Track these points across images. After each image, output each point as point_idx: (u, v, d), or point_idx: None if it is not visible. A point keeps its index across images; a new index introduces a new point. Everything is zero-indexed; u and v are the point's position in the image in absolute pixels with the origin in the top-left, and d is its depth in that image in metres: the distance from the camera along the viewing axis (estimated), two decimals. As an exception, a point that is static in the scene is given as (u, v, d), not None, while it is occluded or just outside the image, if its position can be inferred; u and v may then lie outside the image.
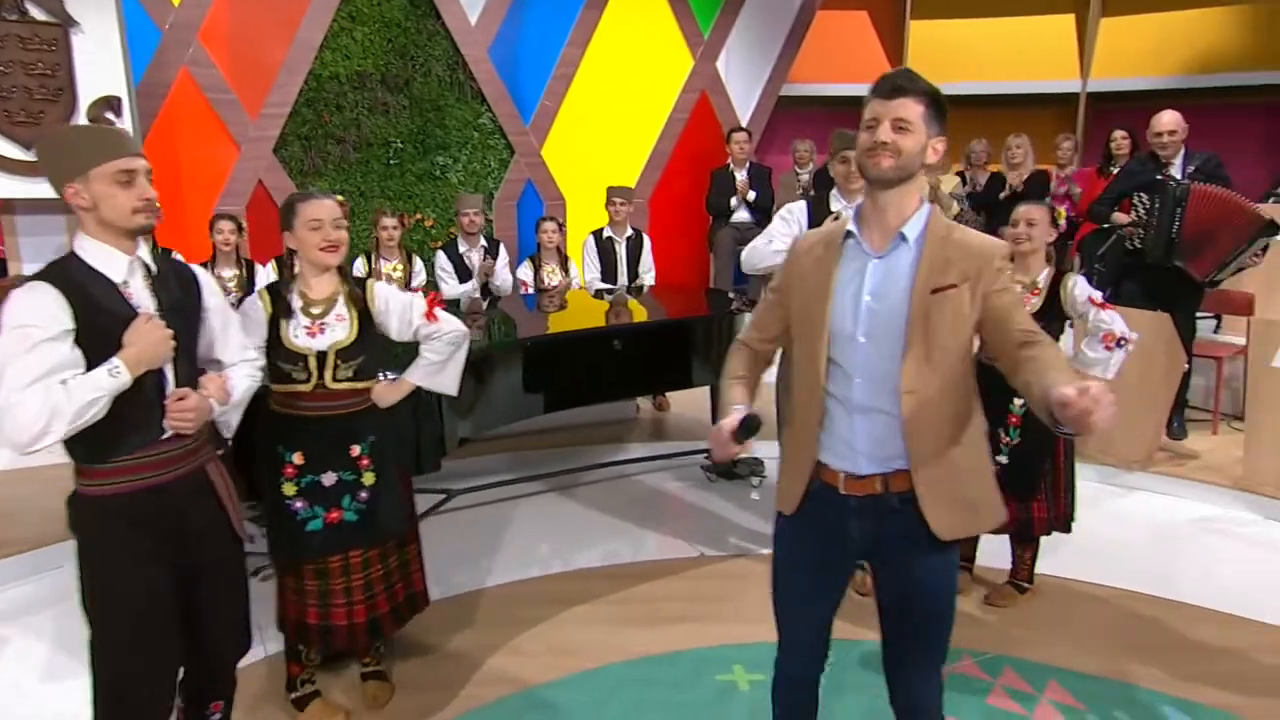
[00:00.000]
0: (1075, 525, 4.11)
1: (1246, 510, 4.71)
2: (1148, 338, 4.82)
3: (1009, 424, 3.57)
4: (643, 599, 3.89)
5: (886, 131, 1.85)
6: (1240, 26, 8.59)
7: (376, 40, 6.99)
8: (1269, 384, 4.60)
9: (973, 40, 9.46)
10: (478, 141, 7.43)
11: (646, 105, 7.94)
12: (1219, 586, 3.90)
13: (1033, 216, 3.53)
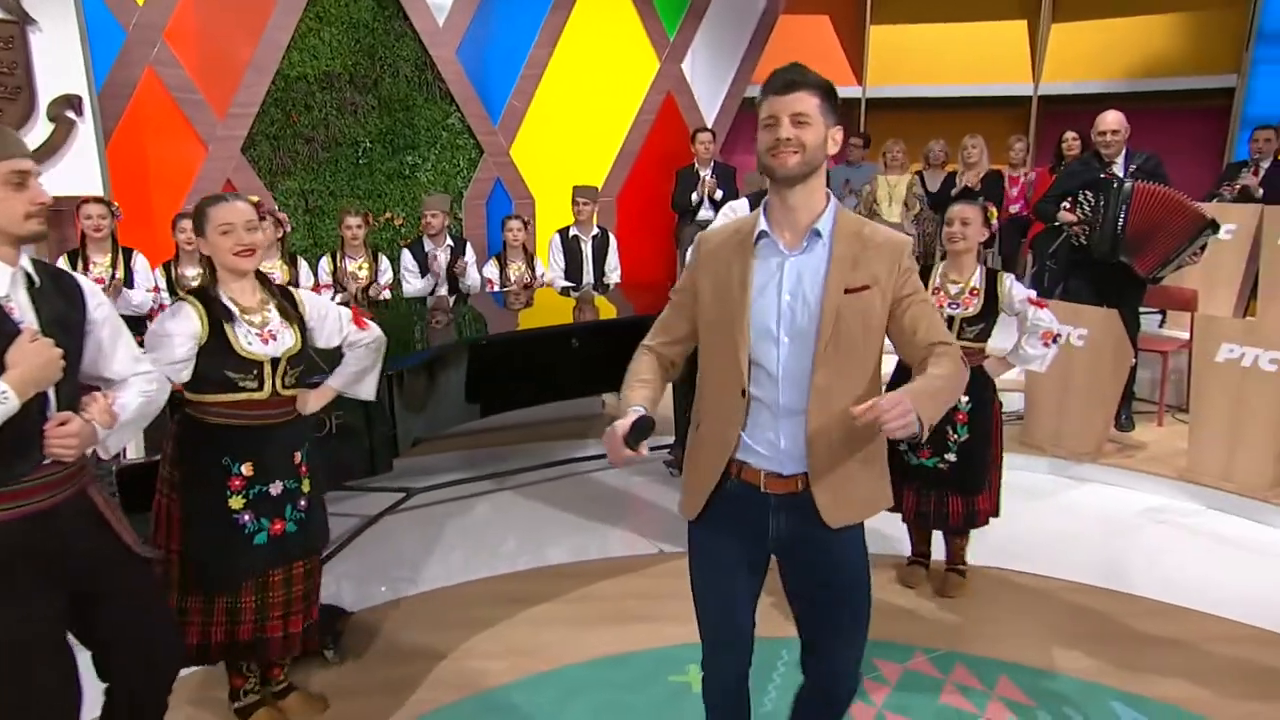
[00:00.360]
0: (1028, 518, 4.03)
1: (1191, 501, 4.62)
2: (1096, 334, 4.75)
3: (956, 421, 3.45)
4: (601, 597, 3.74)
5: (787, 128, 1.78)
6: (1181, 34, 8.56)
7: (344, 41, 6.77)
8: (1212, 379, 4.52)
9: (930, 44, 9.36)
10: (446, 141, 7.24)
11: (613, 106, 7.78)
12: (1165, 578, 3.81)
13: (967, 215, 3.41)
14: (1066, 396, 4.96)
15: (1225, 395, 4.46)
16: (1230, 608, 3.52)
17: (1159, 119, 8.58)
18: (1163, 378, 5.72)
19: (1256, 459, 4.41)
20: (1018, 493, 4.72)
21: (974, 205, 3.47)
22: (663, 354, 2.09)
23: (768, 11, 8.25)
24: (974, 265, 3.48)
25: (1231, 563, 4.01)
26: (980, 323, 3.42)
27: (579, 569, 4.01)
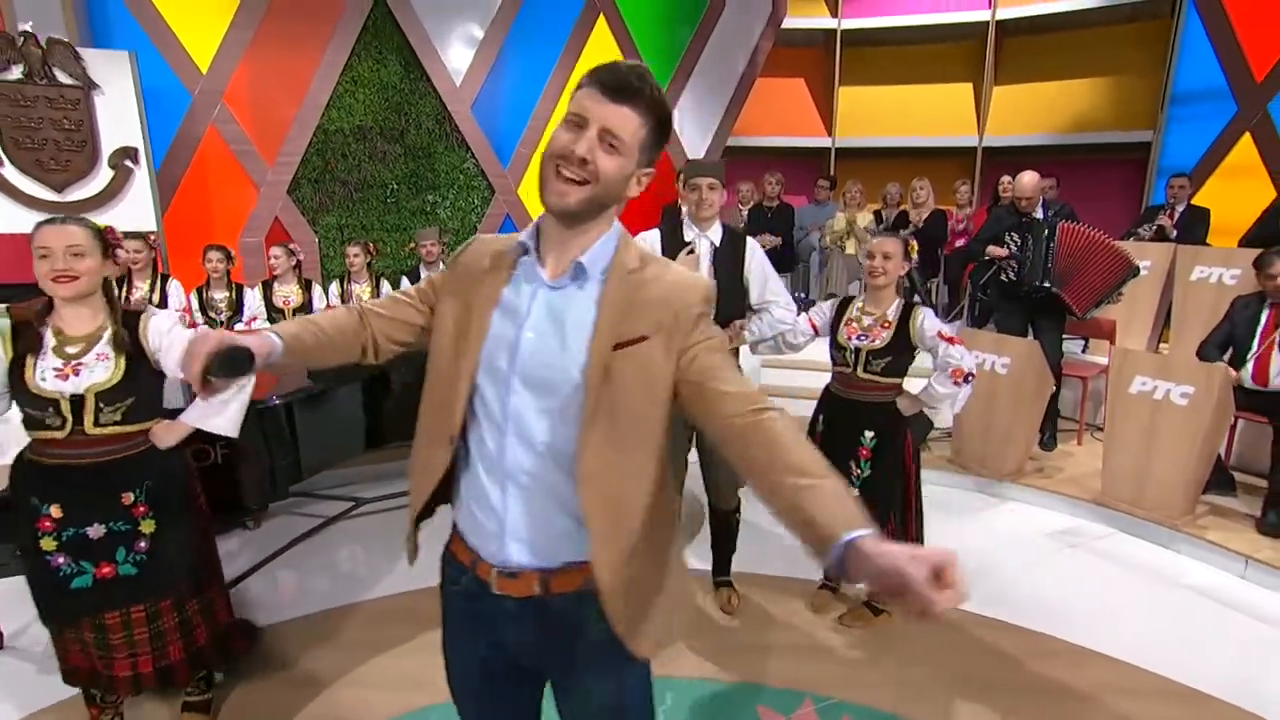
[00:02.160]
0: (952, 538, 3.35)
1: (1104, 524, 3.94)
2: (1019, 363, 4.10)
3: (860, 456, 2.83)
4: None
5: (589, 144, 1.12)
6: (1105, 95, 7.81)
7: (375, 99, 6.26)
8: (1126, 409, 3.82)
9: (891, 103, 8.70)
10: (463, 183, 6.69)
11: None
12: (1071, 612, 3.14)
13: (887, 249, 2.76)
14: (991, 420, 4.29)
15: (1137, 425, 3.77)
16: (1132, 648, 2.84)
17: (1086, 168, 7.89)
18: (1083, 399, 5.04)
19: (1165, 487, 3.71)
20: (945, 511, 4.12)
21: (894, 239, 2.81)
22: (370, 320, 1.32)
23: (745, 75, 7.59)
24: (892, 298, 2.83)
25: (1138, 594, 3.34)
26: (888, 356, 2.76)
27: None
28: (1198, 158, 6.85)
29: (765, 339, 2.86)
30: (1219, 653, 2.87)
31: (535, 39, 6.65)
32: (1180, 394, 3.58)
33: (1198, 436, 3.56)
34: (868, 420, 2.81)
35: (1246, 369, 3.87)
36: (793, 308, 2.88)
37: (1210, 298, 4.87)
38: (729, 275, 2.81)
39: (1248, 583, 3.37)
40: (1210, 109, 6.76)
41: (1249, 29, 6.47)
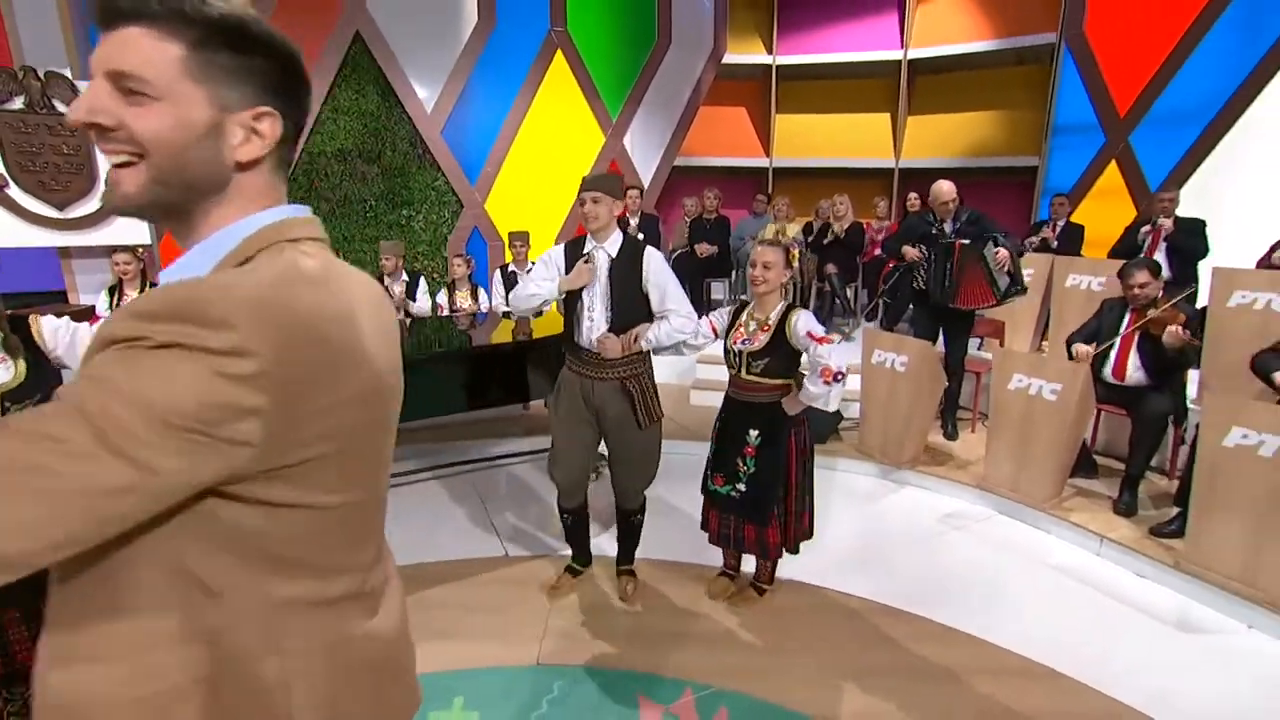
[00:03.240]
0: (854, 522, 3.22)
1: (986, 506, 3.83)
2: (915, 361, 3.97)
3: (745, 454, 2.65)
4: (416, 606, 2.74)
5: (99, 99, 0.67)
6: (999, 125, 7.73)
7: (355, 126, 6.00)
8: (1004, 402, 3.72)
9: (821, 129, 8.56)
10: (434, 199, 6.44)
11: (568, 170, 6.94)
12: (949, 593, 3.02)
13: (767, 259, 2.57)
14: (890, 412, 4.17)
15: (1014, 417, 3.67)
16: (999, 628, 2.72)
17: (983, 188, 7.76)
18: (976, 392, 4.93)
19: (1038, 474, 3.62)
20: (851, 496, 4.01)
21: (775, 248, 2.61)
22: None
23: (690, 102, 7.39)
24: (777, 303, 2.63)
25: (1009, 574, 3.21)
26: (766, 357, 2.58)
27: (415, 572, 3.05)
28: (1074, 181, 6.82)
29: (664, 346, 2.69)
30: (1073, 631, 2.77)
31: (499, 71, 6.41)
32: (1050, 390, 3.49)
33: (1064, 428, 3.47)
34: (753, 419, 2.65)
35: (1108, 365, 3.79)
36: (693, 315, 2.67)
37: (1081, 302, 4.79)
38: (626, 285, 2.62)
39: (1103, 559, 3.29)
40: (1084, 139, 6.71)
41: (1113, 71, 6.43)
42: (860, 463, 4.28)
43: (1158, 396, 3.58)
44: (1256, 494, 2.75)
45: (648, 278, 2.63)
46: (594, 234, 2.65)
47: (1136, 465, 3.55)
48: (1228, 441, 2.81)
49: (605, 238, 2.64)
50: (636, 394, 2.68)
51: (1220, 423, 2.83)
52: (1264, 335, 3.67)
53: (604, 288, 2.63)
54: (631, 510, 2.93)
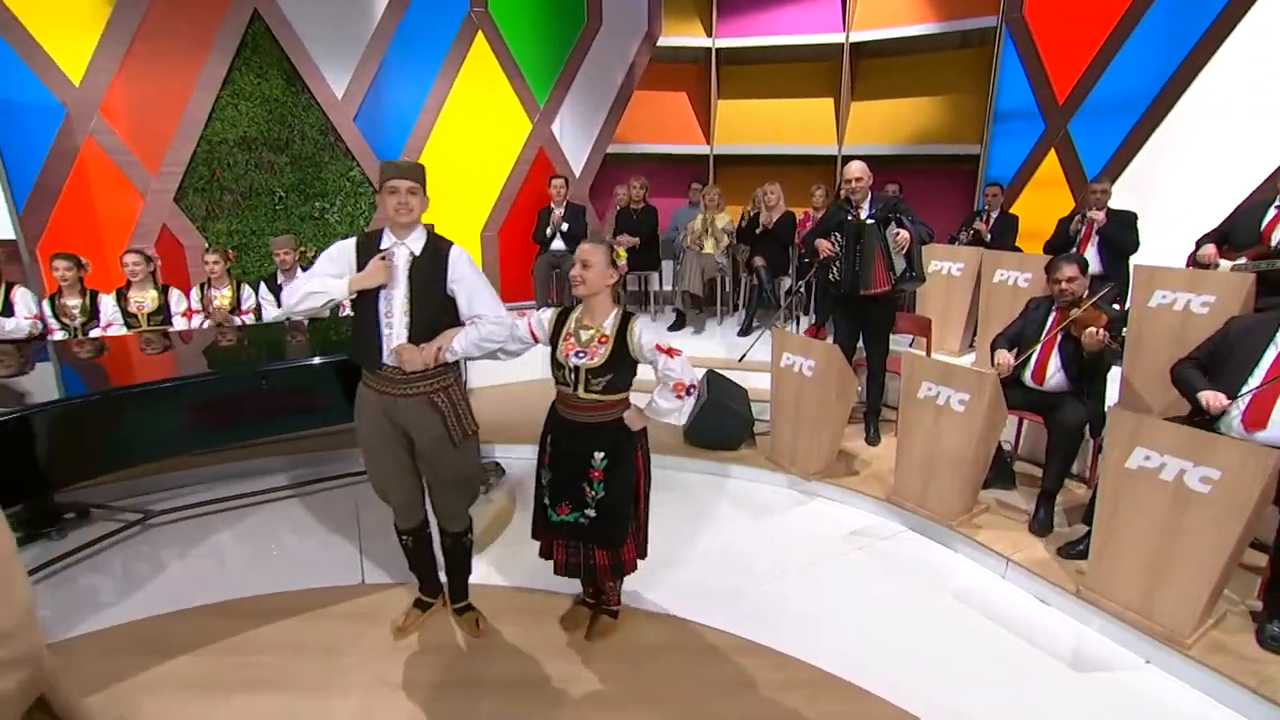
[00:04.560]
0: (740, 542, 2.98)
1: (895, 521, 3.57)
2: (822, 365, 3.67)
3: (592, 478, 2.34)
4: (243, 649, 2.52)
5: None
6: (942, 111, 7.38)
7: (259, 112, 5.53)
8: (913, 412, 3.44)
9: (763, 114, 8.15)
10: (349, 190, 6.00)
11: (493, 158, 6.56)
12: (835, 625, 2.76)
13: (587, 257, 2.23)
14: (799, 420, 3.87)
15: (923, 428, 3.39)
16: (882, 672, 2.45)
17: (925, 176, 7.53)
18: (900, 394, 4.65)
19: (946, 490, 3.35)
20: (757, 509, 3.73)
21: (597, 246, 2.26)
22: None
23: (623, 87, 6.99)
24: (609, 309, 2.30)
25: (906, 600, 2.94)
26: (608, 373, 2.24)
27: (260, 605, 2.74)
28: (1015, 169, 6.55)
29: (473, 356, 2.36)
30: (962, 670, 2.51)
31: (415, 55, 5.96)
32: (958, 401, 3.21)
33: (973, 441, 3.19)
34: (597, 441, 2.32)
35: (1029, 368, 3.52)
36: (505, 320, 2.35)
37: (1008, 299, 4.53)
38: (428, 287, 2.30)
39: (1008, 583, 3.04)
40: (1024, 126, 6.43)
41: (1053, 56, 6.14)
42: (770, 473, 3.99)
43: (1074, 405, 3.31)
44: (1156, 520, 2.49)
45: (452, 279, 2.32)
46: (399, 228, 2.32)
47: (1050, 479, 3.29)
48: (1130, 463, 2.55)
49: (409, 233, 2.32)
50: (446, 409, 2.37)
51: (1123, 441, 2.57)
52: (1182, 338, 3.43)
53: (404, 290, 2.30)
54: (458, 532, 2.63)
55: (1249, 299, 3.40)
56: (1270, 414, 2.67)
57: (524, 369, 5.79)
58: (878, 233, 3.98)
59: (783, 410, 3.97)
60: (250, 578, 2.98)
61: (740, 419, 4.18)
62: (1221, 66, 5.05)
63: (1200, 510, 2.37)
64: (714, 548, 3.31)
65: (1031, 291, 4.38)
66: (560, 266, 6.03)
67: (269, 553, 3.22)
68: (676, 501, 3.80)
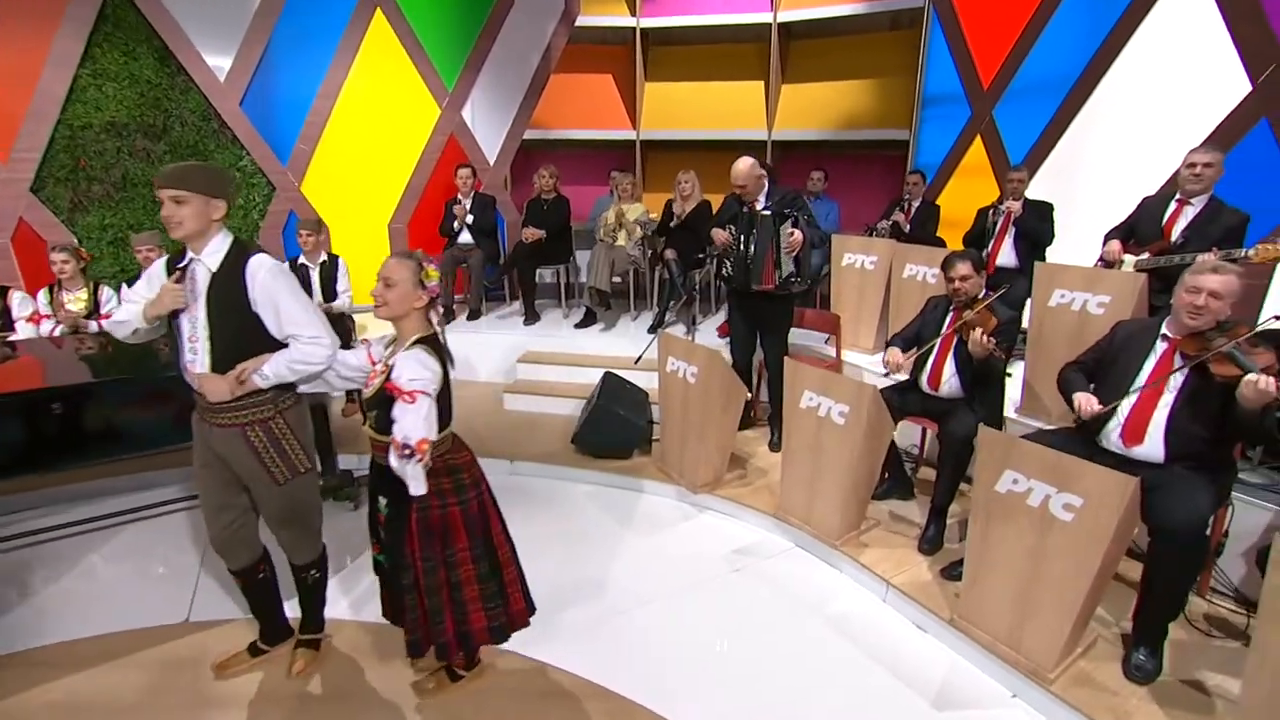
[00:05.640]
0: (616, 564, 2.94)
1: (784, 537, 3.37)
2: (704, 372, 3.43)
3: (379, 523, 2.08)
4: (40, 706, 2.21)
5: None
6: (872, 96, 7.18)
7: (127, 94, 5.07)
8: (797, 423, 3.22)
9: (692, 98, 7.87)
10: (241, 181, 5.60)
11: (399, 147, 6.18)
12: (703, 662, 2.53)
13: (390, 275, 1.93)
14: (686, 429, 3.64)
15: (805, 441, 3.18)
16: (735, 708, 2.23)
17: (855, 162, 7.33)
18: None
19: (828, 506, 3.15)
20: (644, 523, 3.52)
21: (403, 261, 1.97)
22: None
23: (541, 68, 6.62)
24: (414, 332, 1.98)
25: (779, 628, 2.72)
26: (376, 408, 1.95)
27: (49, 655, 2.43)
28: (943, 156, 6.37)
29: (288, 380, 2.08)
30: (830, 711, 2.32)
31: (305, 35, 5.54)
32: (839, 413, 3.00)
33: (854, 455, 2.99)
34: (383, 484, 2.04)
35: (925, 372, 3.33)
36: (323, 340, 2.07)
37: (916, 296, 4.31)
38: (229, 307, 2.01)
39: (887, 606, 2.86)
40: (951, 112, 6.24)
41: (978, 39, 5.94)
42: (661, 484, 3.77)
43: (964, 414, 3.13)
44: (1023, 547, 2.31)
45: (253, 295, 2.03)
46: (190, 243, 2.02)
47: (940, 494, 3.11)
48: (1000, 486, 2.36)
49: (202, 247, 2.02)
50: (262, 445, 2.09)
51: (993, 463, 2.38)
52: (1080, 338, 3.27)
53: (204, 312, 2.01)
54: (301, 565, 2.37)
55: (1142, 300, 3.26)
56: (1147, 429, 2.52)
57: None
58: (771, 227, 3.77)
59: (670, 418, 3.74)
60: (47, 622, 2.67)
61: (629, 426, 3.94)
62: (1137, 50, 4.89)
63: (1063, 538, 2.19)
64: (584, 571, 3.09)
65: (942, 287, 4.19)
66: (466, 261, 5.72)
67: (79, 590, 2.90)
68: (555, 516, 3.57)
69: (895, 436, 4.09)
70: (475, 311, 5.87)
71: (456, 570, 2.06)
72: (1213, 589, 2.76)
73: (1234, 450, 2.55)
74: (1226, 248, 3.43)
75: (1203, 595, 2.74)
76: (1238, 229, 3.52)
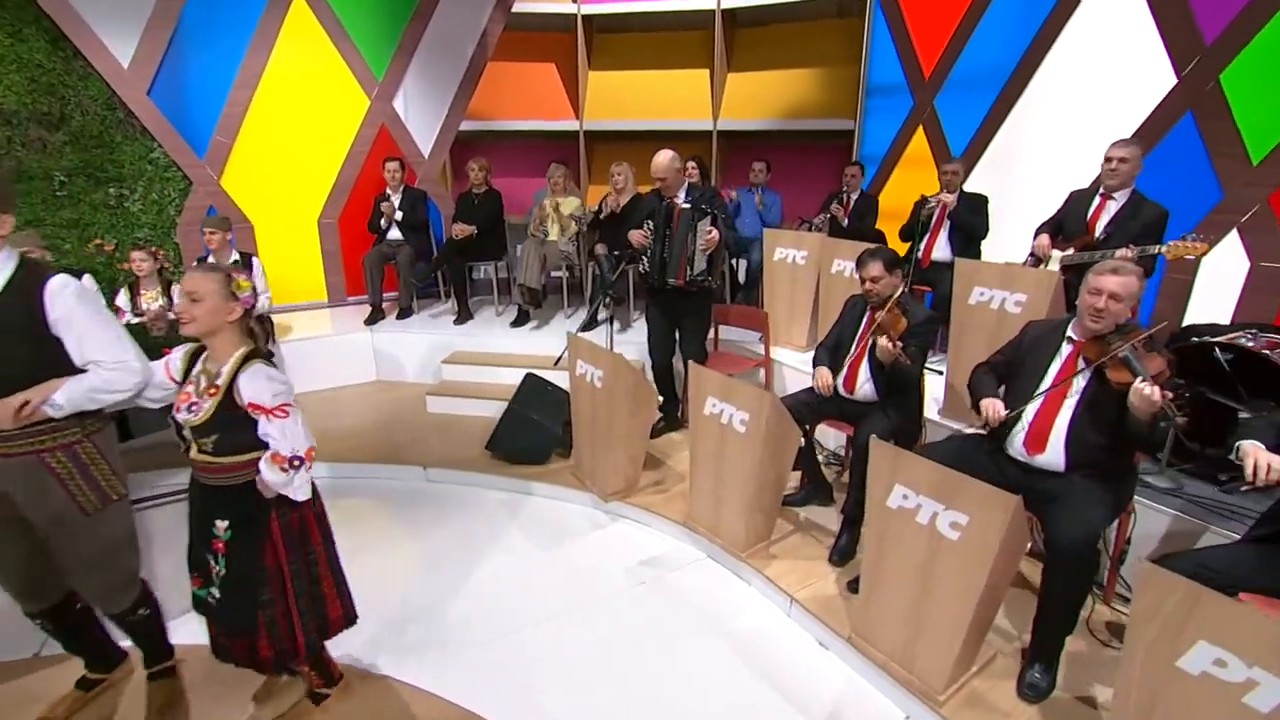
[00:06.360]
0: (513, 576, 2.82)
1: (695, 547, 3.24)
2: (610, 376, 3.28)
3: (214, 550, 1.90)
4: None
5: None
6: (817, 84, 7.04)
7: (17, 80, 4.74)
8: (702, 429, 3.08)
9: (637, 87, 7.66)
10: (153, 174, 5.30)
11: (327, 139, 5.92)
12: (591, 686, 2.38)
13: (194, 288, 1.79)
14: (596, 433, 3.49)
15: (710, 449, 3.05)
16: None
17: (800, 152, 7.19)
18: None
19: (733, 516, 3.03)
20: (554, 531, 3.36)
21: (207, 274, 1.81)
22: None
23: (476, 56, 6.37)
24: (232, 350, 1.85)
25: (679, 650, 2.57)
26: (215, 432, 1.81)
27: None
28: (887, 147, 6.27)
29: (86, 408, 1.88)
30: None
31: (217, 20, 5.24)
32: (740, 420, 2.87)
33: (757, 465, 2.86)
34: (221, 507, 1.89)
35: (842, 373, 3.22)
36: (131, 365, 1.88)
37: (843, 291, 4.18)
38: (12, 330, 1.80)
39: (791, 622, 2.74)
40: (895, 102, 6.13)
41: (919, 28, 5.83)
42: (576, 492, 3.62)
43: (876, 419, 3.01)
44: (914, 565, 2.20)
45: (53, 319, 1.82)
46: None
47: (851, 503, 2.99)
48: (891, 501, 2.25)
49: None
50: (65, 472, 1.90)
51: (884, 476, 2.26)
52: (997, 338, 3.16)
53: None
54: (121, 613, 2.15)
55: (1058, 298, 3.16)
56: (1049, 436, 2.42)
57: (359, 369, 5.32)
58: (689, 221, 3.64)
59: (580, 423, 3.59)
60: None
61: (543, 430, 3.79)
62: (1070, 42, 4.81)
63: (951, 556, 2.08)
64: (483, 586, 2.93)
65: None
66: (395, 258, 5.50)
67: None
68: (462, 526, 3.40)
69: (821, 439, 4.01)
70: (406, 310, 5.65)
71: (316, 567, 2.03)
72: (1119, 595, 2.69)
73: (1134, 458, 2.46)
74: (1145, 243, 3.36)
75: (1108, 603, 2.67)
76: (1156, 224, 3.44)
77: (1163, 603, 1.52)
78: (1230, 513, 2.54)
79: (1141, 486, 2.79)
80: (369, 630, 2.57)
